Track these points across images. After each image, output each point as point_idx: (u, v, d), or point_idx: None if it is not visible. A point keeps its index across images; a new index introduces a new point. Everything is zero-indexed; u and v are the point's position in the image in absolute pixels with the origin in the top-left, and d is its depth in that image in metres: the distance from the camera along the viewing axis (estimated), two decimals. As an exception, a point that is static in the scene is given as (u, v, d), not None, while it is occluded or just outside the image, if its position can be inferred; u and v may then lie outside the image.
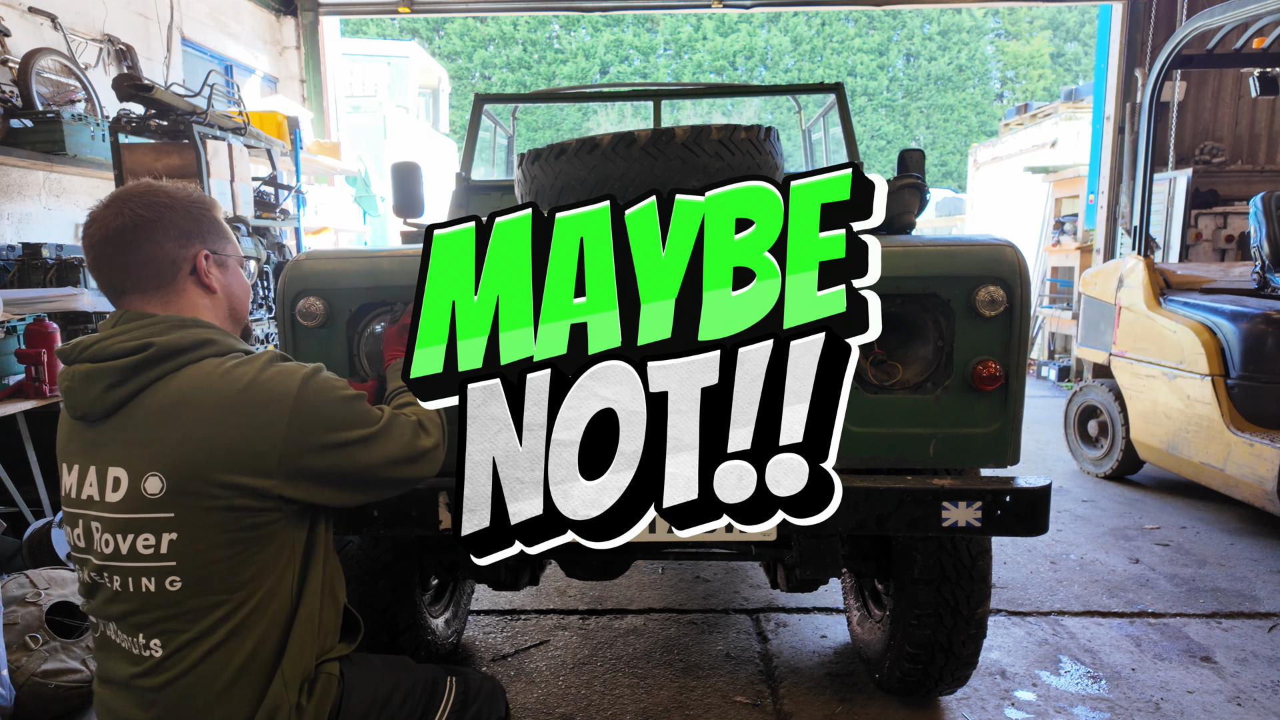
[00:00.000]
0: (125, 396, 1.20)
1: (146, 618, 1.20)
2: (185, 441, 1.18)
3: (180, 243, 1.29)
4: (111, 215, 1.25)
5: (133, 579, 1.19)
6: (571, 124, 24.48)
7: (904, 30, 25.64)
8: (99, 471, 1.21)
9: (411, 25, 22.17)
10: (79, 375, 1.21)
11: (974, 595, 2.01)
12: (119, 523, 1.19)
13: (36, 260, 3.37)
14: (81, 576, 1.28)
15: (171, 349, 1.22)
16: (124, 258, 1.25)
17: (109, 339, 1.23)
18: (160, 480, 1.18)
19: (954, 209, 14.01)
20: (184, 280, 1.30)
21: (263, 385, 1.23)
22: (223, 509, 1.19)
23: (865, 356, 1.82)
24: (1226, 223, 6.96)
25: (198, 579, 1.19)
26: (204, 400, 1.20)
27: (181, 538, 1.18)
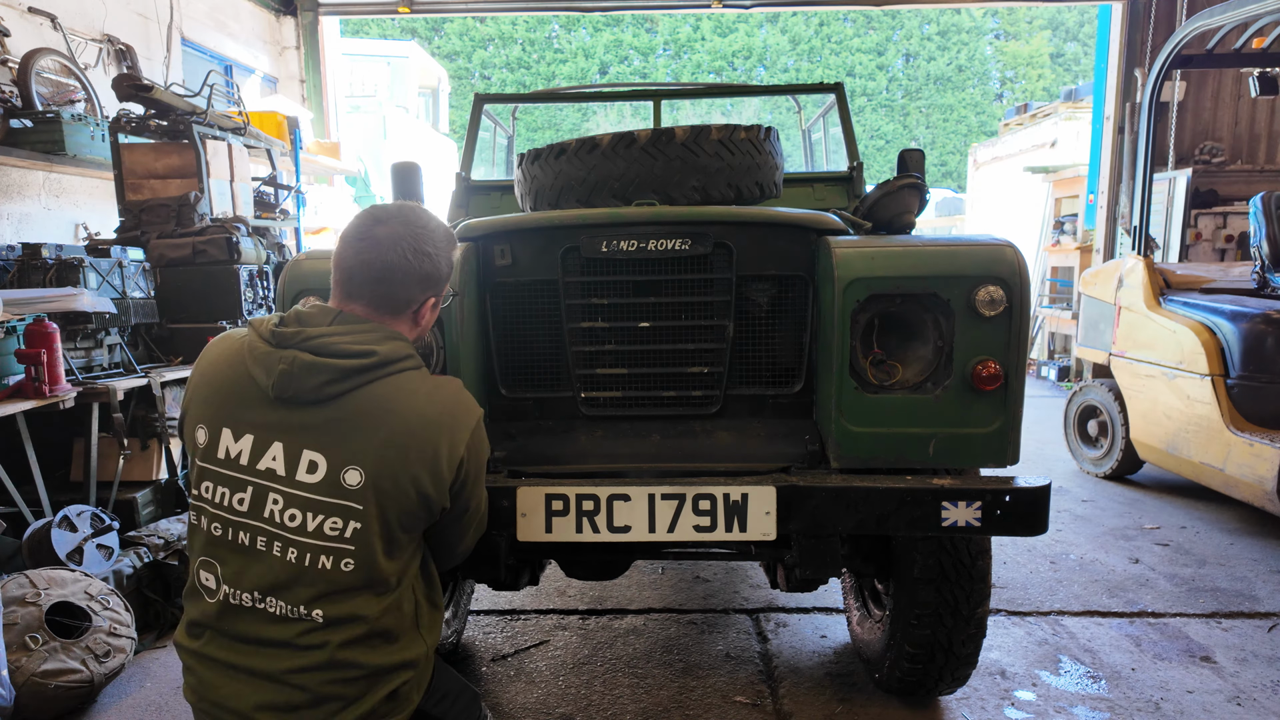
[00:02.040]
0: (340, 392, 1.32)
1: (313, 590, 1.30)
2: (388, 445, 1.32)
3: (421, 289, 1.43)
4: (387, 245, 1.38)
5: (310, 554, 1.30)
6: (571, 124, 24.47)
7: (903, 30, 25.61)
8: (288, 450, 1.31)
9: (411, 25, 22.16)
10: (301, 363, 1.30)
11: (974, 595, 2.01)
12: (311, 503, 1.30)
13: (36, 260, 3.36)
14: (210, 532, 1.34)
15: (389, 358, 1.35)
16: (375, 286, 1.39)
17: (333, 336, 1.33)
18: (360, 474, 1.30)
19: (954, 209, 14.01)
20: (407, 315, 1.44)
21: (456, 409, 1.40)
22: (402, 510, 1.34)
23: (865, 356, 1.82)
24: (1226, 223, 6.96)
25: (365, 563, 1.32)
26: (409, 411, 1.35)
27: (364, 528, 1.31)
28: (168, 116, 4.39)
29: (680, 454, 1.89)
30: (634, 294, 1.97)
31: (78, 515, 2.86)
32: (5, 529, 2.80)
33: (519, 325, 2.04)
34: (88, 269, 3.36)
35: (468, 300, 1.89)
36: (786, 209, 1.98)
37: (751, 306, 1.99)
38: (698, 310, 1.96)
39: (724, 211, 1.94)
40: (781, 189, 2.36)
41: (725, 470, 1.84)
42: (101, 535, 2.90)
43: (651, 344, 1.98)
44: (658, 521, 1.74)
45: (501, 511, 1.75)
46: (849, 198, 3.22)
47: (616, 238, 1.91)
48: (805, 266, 1.96)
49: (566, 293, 1.97)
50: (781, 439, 1.92)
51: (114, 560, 2.91)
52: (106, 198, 5.14)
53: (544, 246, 1.97)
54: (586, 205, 2.15)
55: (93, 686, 2.36)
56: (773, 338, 2.01)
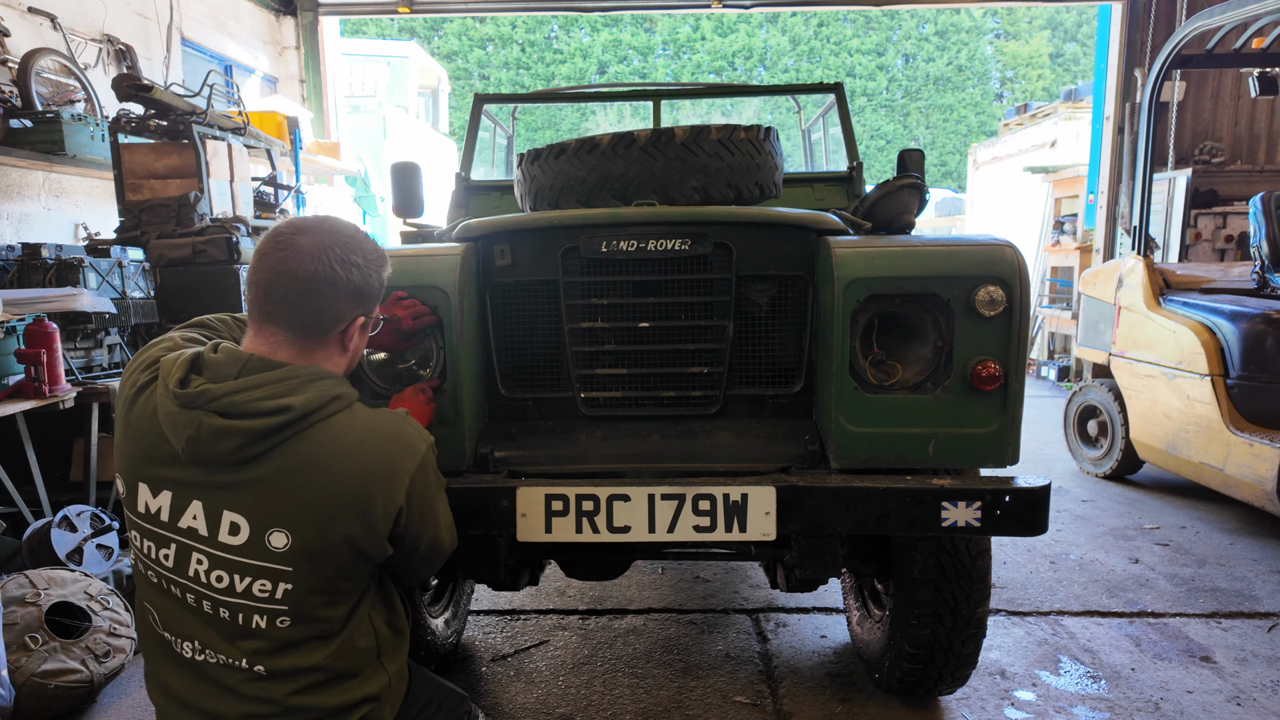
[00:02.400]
0: (257, 454, 1.21)
1: (252, 645, 1.25)
2: (314, 506, 1.23)
3: (350, 305, 1.31)
4: (310, 256, 1.25)
5: (243, 614, 1.24)
6: (570, 124, 24.47)
7: (902, 31, 25.61)
8: (209, 510, 1.22)
9: (409, 25, 22.16)
10: (208, 429, 1.18)
11: (973, 595, 2.01)
12: (237, 565, 1.22)
13: (36, 260, 3.36)
14: (148, 578, 1.30)
15: (306, 410, 1.23)
16: (299, 302, 1.26)
17: (242, 394, 1.20)
18: (286, 537, 1.22)
19: (953, 209, 14.01)
20: (333, 338, 1.32)
21: (391, 455, 1.29)
22: (337, 565, 1.26)
23: (865, 356, 1.82)
24: (1226, 223, 6.96)
25: (303, 618, 1.26)
26: (337, 466, 1.24)
27: (296, 588, 1.24)
28: (168, 116, 4.39)
29: (680, 454, 1.88)
30: (634, 294, 1.97)
31: (77, 515, 2.86)
32: (5, 529, 2.80)
33: (519, 325, 2.04)
34: (88, 269, 3.37)
35: (468, 300, 1.89)
36: (786, 209, 1.98)
37: (751, 306, 1.99)
38: (697, 310, 1.96)
39: (724, 212, 1.94)
40: (781, 189, 2.36)
41: (725, 470, 1.84)
42: (101, 535, 2.90)
43: (651, 344, 1.98)
44: (657, 522, 1.74)
45: (501, 512, 1.75)
46: (849, 198, 3.22)
47: (616, 238, 1.90)
48: (805, 266, 1.96)
49: (566, 293, 1.97)
50: (781, 439, 1.92)
51: (114, 560, 2.91)
52: (106, 198, 5.14)
53: (544, 247, 1.97)
54: (586, 205, 2.15)
55: (93, 686, 2.36)
56: (772, 338, 2.01)
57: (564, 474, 1.84)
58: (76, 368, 3.22)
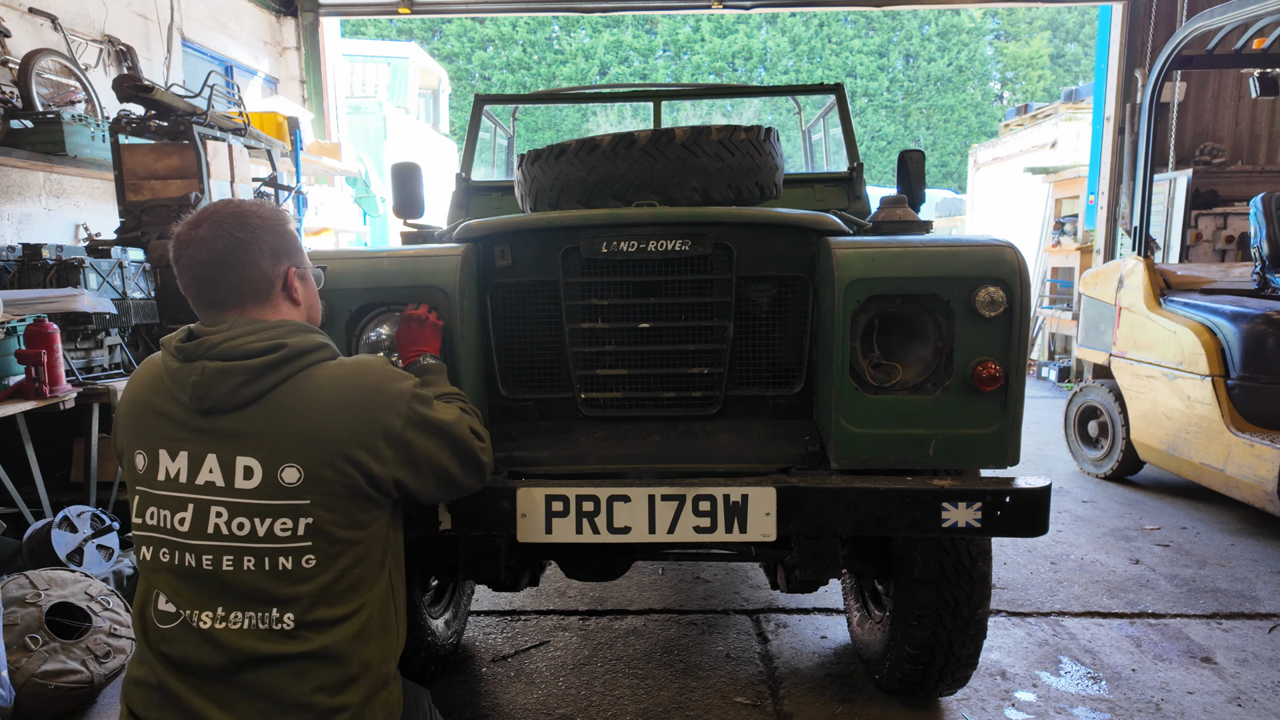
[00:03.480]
0: (257, 393, 1.30)
1: (280, 593, 1.28)
2: (320, 436, 1.30)
3: (273, 261, 1.39)
4: (211, 237, 1.34)
5: (269, 559, 1.28)
6: (571, 125, 24.46)
7: (903, 31, 25.61)
8: (223, 459, 1.29)
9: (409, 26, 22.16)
10: (211, 371, 1.29)
11: (974, 596, 2.01)
12: (256, 508, 1.28)
13: (37, 261, 3.36)
14: (159, 559, 1.30)
15: (300, 350, 1.34)
16: (227, 277, 1.35)
17: (236, 339, 1.31)
18: (298, 470, 1.29)
19: (954, 210, 14.00)
20: (277, 295, 1.41)
21: (383, 383, 1.38)
22: (349, 493, 1.32)
23: (865, 357, 1.82)
24: (1226, 223, 6.96)
25: (329, 556, 1.31)
26: (335, 398, 1.33)
27: (316, 521, 1.29)
28: (168, 117, 4.39)
29: (680, 455, 1.88)
30: (634, 295, 1.97)
31: (78, 516, 2.86)
32: (5, 529, 2.80)
33: (519, 326, 2.04)
34: (88, 269, 3.37)
35: (468, 301, 1.89)
36: (787, 210, 1.98)
37: (752, 307, 1.99)
38: (698, 311, 1.96)
39: (724, 212, 1.94)
40: (782, 190, 2.36)
41: (725, 471, 1.84)
42: (101, 536, 2.90)
43: (652, 345, 1.98)
44: (658, 522, 1.74)
45: (501, 512, 1.75)
46: (849, 198, 3.22)
47: (617, 238, 1.90)
48: (805, 267, 1.96)
49: (567, 293, 1.97)
50: (782, 440, 1.92)
51: (114, 561, 2.91)
52: (107, 198, 5.14)
53: (544, 247, 1.97)
54: (587, 206, 2.15)
55: (93, 687, 2.36)
56: (773, 338, 2.01)
57: (564, 475, 1.84)
58: (77, 368, 3.22)
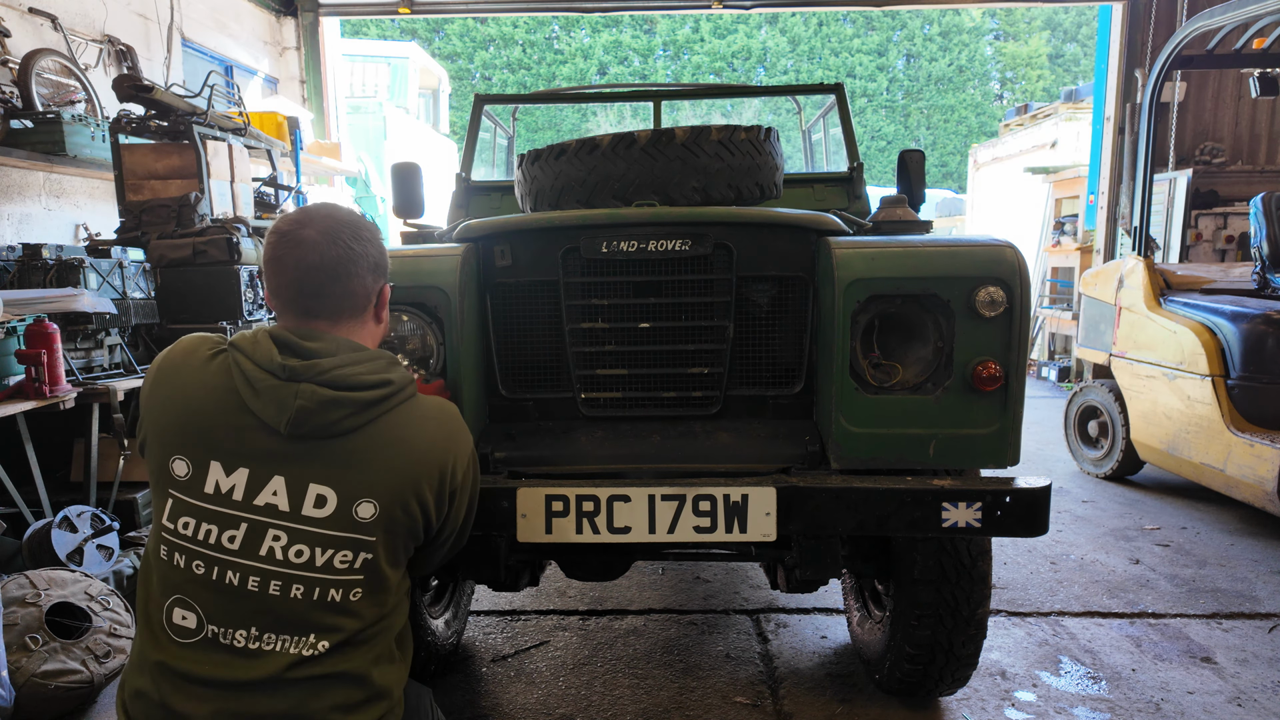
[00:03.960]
0: (357, 426, 1.28)
1: (320, 621, 1.25)
2: (400, 474, 1.29)
3: (374, 276, 1.37)
4: (324, 243, 1.29)
5: (319, 589, 1.25)
6: (571, 125, 24.47)
7: (903, 31, 25.60)
8: (292, 484, 1.25)
9: (410, 26, 22.16)
10: (320, 398, 1.24)
11: (974, 596, 2.01)
12: (320, 537, 1.25)
13: (37, 261, 3.36)
14: (192, 570, 1.23)
15: (400, 386, 1.33)
16: (333, 287, 1.31)
17: (348, 367, 1.28)
18: (374, 507, 1.27)
19: (954, 209, 14.00)
20: (370, 312, 1.39)
21: (457, 434, 1.40)
22: (407, 533, 1.33)
23: (865, 357, 1.82)
24: (1227, 223, 6.96)
25: (373, 589, 1.30)
26: (420, 438, 1.33)
27: (375, 558, 1.28)
28: (168, 117, 4.39)
29: (680, 455, 1.88)
30: (634, 295, 1.97)
31: (78, 516, 2.86)
32: (5, 529, 2.80)
33: (519, 326, 2.04)
34: (88, 269, 3.37)
35: (468, 301, 1.89)
36: (787, 210, 1.98)
37: (752, 307, 1.99)
38: (698, 311, 1.96)
39: (724, 212, 1.94)
40: (782, 190, 2.36)
41: (725, 471, 1.84)
42: (102, 536, 2.90)
43: (652, 345, 1.98)
44: (658, 522, 1.74)
45: (501, 512, 1.75)
46: (849, 199, 3.22)
47: (617, 238, 1.91)
48: (805, 267, 1.96)
49: (567, 293, 1.97)
50: (782, 440, 1.92)
51: (114, 561, 2.91)
52: (107, 198, 5.14)
53: (544, 247, 1.97)
54: (587, 206, 2.15)
55: (93, 687, 2.36)
56: (773, 338, 2.01)
57: (564, 474, 1.84)
58: (77, 368, 3.22)
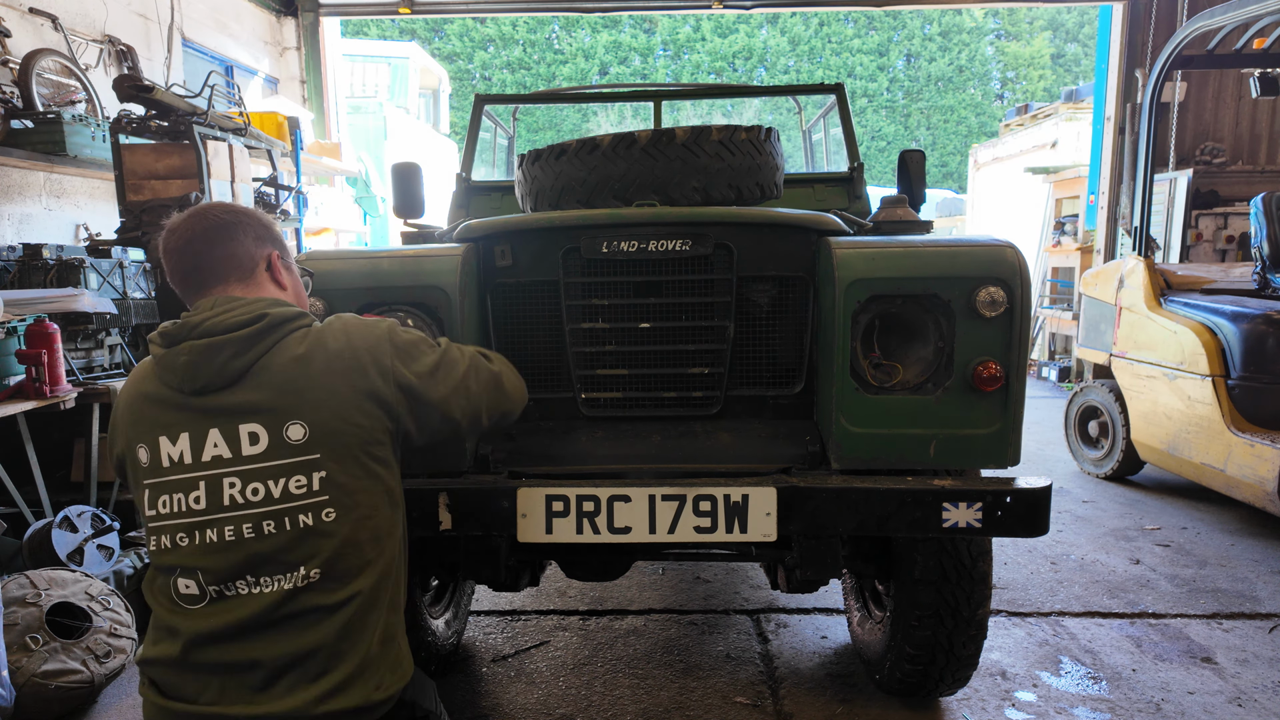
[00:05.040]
0: (247, 364, 1.34)
1: (304, 551, 1.30)
2: (315, 388, 1.34)
3: (256, 243, 1.45)
4: (196, 221, 1.41)
5: (289, 518, 1.31)
6: (571, 125, 24.46)
7: (904, 31, 25.59)
8: (226, 433, 1.32)
9: (410, 26, 22.16)
10: (198, 349, 1.32)
11: (974, 596, 2.01)
12: (268, 470, 1.31)
13: (37, 261, 3.36)
14: (178, 545, 1.31)
15: (281, 318, 1.38)
16: (211, 252, 1.40)
17: (218, 316, 1.35)
18: (302, 427, 1.32)
19: (954, 210, 14.00)
20: (262, 274, 1.46)
21: (363, 330, 1.43)
22: (362, 439, 1.36)
23: (865, 357, 1.82)
24: (1227, 223, 6.96)
25: (347, 507, 1.34)
26: (321, 352, 1.37)
27: (329, 474, 1.33)
28: (168, 117, 4.39)
29: (681, 455, 1.88)
30: (634, 295, 1.97)
31: (78, 516, 2.86)
32: (6, 529, 2.80)
33: (519, 326, 2.04)
34: (88, 269, 3.37)
35: (468, 301, 1.89)
36: (787, 209, 1.98)
37: (752, 307, 1.99)
38: (698, 311, 1.96)
39: (724, 212, 1.94)
40: (782, 190, 2.36)
41: (726, 471, 1.84)
42: (102, 536, 2.90)
43: (652, 345, 1.98)
44: (658, 522, 1.74)
45: (502, 512, 1.75)
46: (849, 198, 3.22)
47: (617, 238, 1.91)
48: (806, 267, 1.96)
49: (567, 293, 1.97)
50: (782, 440, 1.92)
51: (114, 561, 2.91)
52: (107, 198, 5.14)
53: (544, 247, 1.97)
54: (587, 206, 2.15)
55: (93, 687, 2.36)
56: (773, 338, 2.01)
57: (565, 475, 1.84)
58: (77, 368, 3.22)
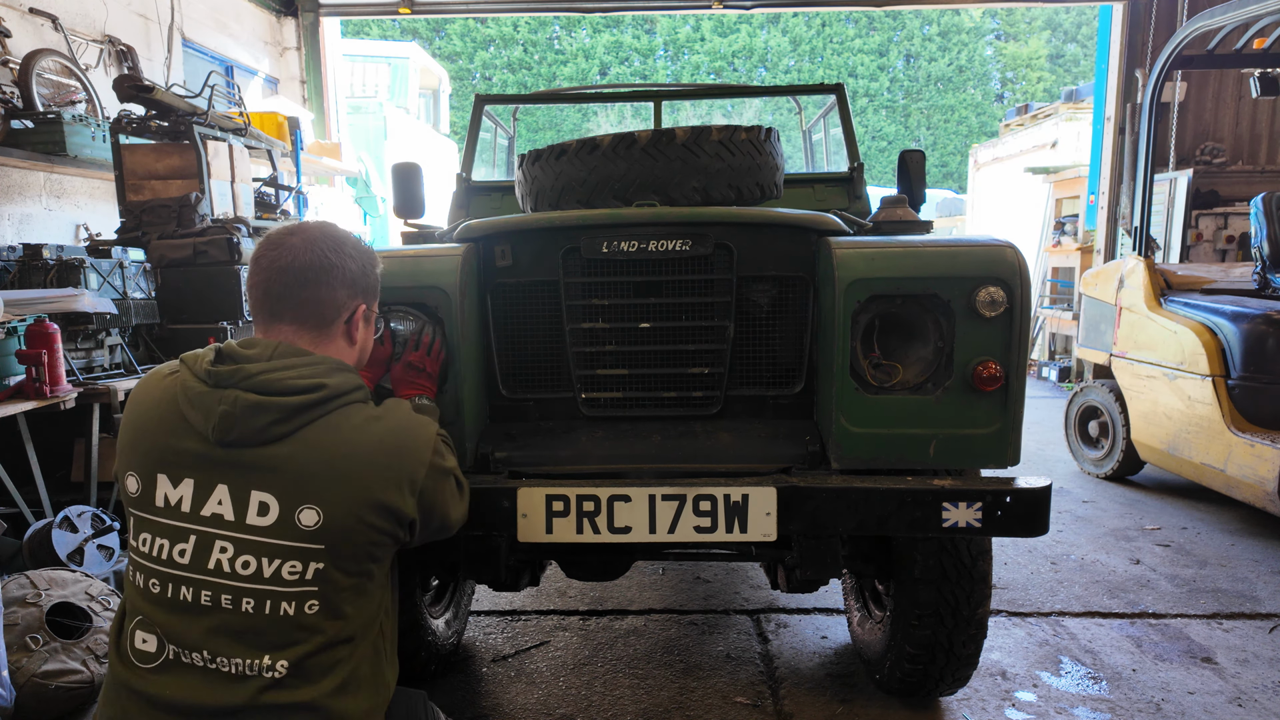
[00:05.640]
0: (288, 432, 1.25)
1: (275, 639, 1.22)
2: (345, 480, 1.25)
3: (349, 292, 1.38)
4: (302, 249, 1.33)
5: (270, 602, 1.22)
6: (572, 125, 24.46)
7: (904, 31, 25.60)
8: (235, 493, 1.23)
9: (412, 26, 22.17)
10: (244, 404, 1.23)
11: (974, 596, 2.01)
12: (266, 547, 1.22)
13: (37, 261, 3.36)
14: (149, 589, 1.24)
15: (337, 391, 1.29)
16: (299, 292, 1.32)
17: (276, 371, 1.26)
18: (317, 514, 1.23)
19: (954, 210, 14.00)
20: (338, 327, 1.39)
21: (413, 436, 1.35)
22: (365, 542, 1.28)
23: (865, 357, 1.82)
24: (1227, 223, 6.96)
25: (331, 604, 1.25)
26: (363, 442, 1.28)
27: (325, 568, 1.24)
28: (169, 117, 4.39)
29: (681, 455, 1.88)
30: (635, 295, 1.97)
31: (78, 516, 2.86)
32: (6, 529, 2.80)
33: (519, 326, 2.04)
34: (89, 270, 3.37)
35: (468, 301, 1.89)
36: (787, 209, 1.98)
37: (752, 307, 1.99)
38: (698, 311, 1.96)
39: (724, 212, 1.94)
40: (782, 190, 2.36)
41: (726, 471, 1.84)
42: (102, 536, 2.90)
43: (652, 345, 1.98)
44: (658, 522, 1.74)
45: (501, 512, 1.75)
46: (849, 198, 3.22)
47: (617, 238, 1.91)
48: (806, 267, 1.96)
49: (567, 293, 1.97)
50: (782, 440, 1.92)
51: (115, 561, 2.92)
52: (107, 198, 5.14)
53: (544, 247, 1.97)
54: (587, 206, 2.15)
55: (93, 687, 2.36)
56: (773, 338, 2.01)
57: (565, 474, 1.84)
58: (77, 368, 3.22)
